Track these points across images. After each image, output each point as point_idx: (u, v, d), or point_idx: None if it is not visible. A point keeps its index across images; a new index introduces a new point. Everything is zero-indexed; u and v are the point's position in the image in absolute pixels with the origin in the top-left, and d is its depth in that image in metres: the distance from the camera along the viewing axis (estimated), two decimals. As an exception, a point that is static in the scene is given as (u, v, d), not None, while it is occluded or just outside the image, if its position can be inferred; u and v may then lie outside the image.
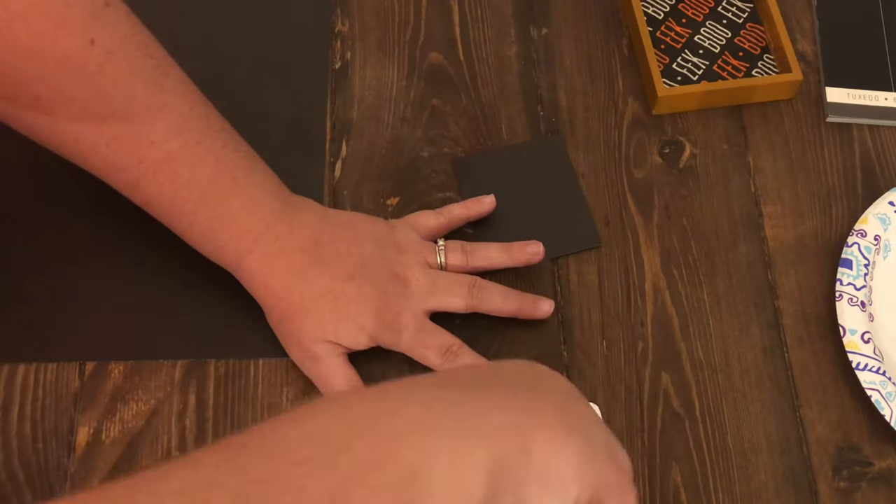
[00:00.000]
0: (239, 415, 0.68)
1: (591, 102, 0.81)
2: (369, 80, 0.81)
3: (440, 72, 0.82)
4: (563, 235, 0.76)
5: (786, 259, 0.76)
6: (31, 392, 0.68)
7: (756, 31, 0.84)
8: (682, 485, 0.68)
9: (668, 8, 0.85)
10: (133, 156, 0.64)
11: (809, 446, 0.69)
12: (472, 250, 0.72)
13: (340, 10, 0.84)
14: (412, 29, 0.84)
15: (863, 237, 0.74)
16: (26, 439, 0.66)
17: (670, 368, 0.71)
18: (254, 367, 0.70)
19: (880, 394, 0.69)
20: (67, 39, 0.60)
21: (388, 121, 0.79)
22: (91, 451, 0.66)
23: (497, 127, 0.80)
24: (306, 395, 0.69)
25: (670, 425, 0.69)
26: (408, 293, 0.68)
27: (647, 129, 0.80)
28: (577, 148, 0.79)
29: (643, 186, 0.78)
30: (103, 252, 0.73)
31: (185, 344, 0.70)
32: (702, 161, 0.79)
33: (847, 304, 0.72)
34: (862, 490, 0.68)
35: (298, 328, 0.67)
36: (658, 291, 0.74)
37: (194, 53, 0.69)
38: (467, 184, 0.77)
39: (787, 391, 0.71)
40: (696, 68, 0.82)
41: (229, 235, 0.66)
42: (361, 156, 0.78)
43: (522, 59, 0.83)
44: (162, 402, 0.68)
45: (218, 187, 0.65)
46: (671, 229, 0.76)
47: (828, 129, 0.81)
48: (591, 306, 0.73)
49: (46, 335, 0.70)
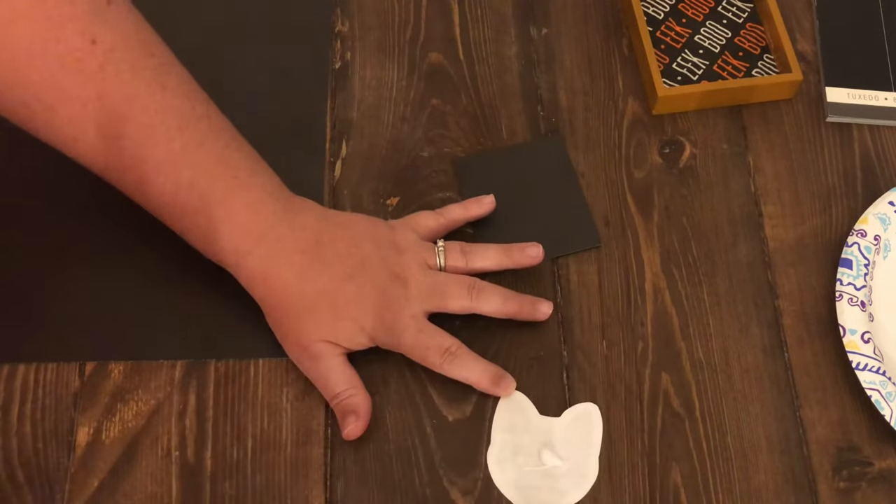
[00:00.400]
0: (239, 415, 0.68)
1: (591, 102, 0.81)
2: (369, 80, 0.81)
3: (440, 72, 0.82)
4: (563, 235, 0.75)
5: (786, 259, 0.76)
6: (31, 392, 0.68)
7: (756, 31, 0.84)
8: (682, 485, 0.68)
9: (668, 8, 0.85)
10: (134, 156, 0.64)
11: (809, 446, 0.69)
12: (472, 251, 0.72)
13: (340, 10, 0.84)
14: (412, 29, 0.84)
15: (863, 237, 0.74)
16: (26, 439, 0.67)
17: (670, 368, 0.71)
18: (254, 367, 0.70)
19: (880, 394, 0.69)
20: (69, 39, 0.60)
21: (388, 121, 0.80)
22: (91, 451, 0.67)
23: (497, 127, 0.80)
24: (306, 395, 0.69)
25: (670, 425, 0.69)
26: (407, 294, 0.68)
27: (647, 129, 0.80)
28: (577, 148, 0.79)
29: (643, 186, 0.78)
30: (103, 252, 0.73)
31: (185, 344, 0.70)
32: (702, 161, 0.79)
33: (847, 304, 0.72)
34: (862, 490, 0.68)
35: (297, 328, 0.67)
36: (658, 291, 0.74)
37: (194, 54, 0.69)
38: (467, 184, 0.77)
39: (787, 391, 0.71)
40: (696, 68, 0.82)
41: (229, 236, 0.66)
42: (361, 156, 0.78)
43: (522, 59, 0.83)
44: (162, 402, 0.68)
45: (219, 188, 0.65)
46: (671, 229, 0.76)
47: (828, 129, 0.81)
48: (591, 306, 0.73)
49: (46, 335, 0.70)
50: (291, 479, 0.66)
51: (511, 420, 0.68)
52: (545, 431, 0.69)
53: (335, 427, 0.68)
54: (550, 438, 0.68)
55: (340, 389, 0.67)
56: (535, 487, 0.67)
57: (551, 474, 0.67)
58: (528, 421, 0.69)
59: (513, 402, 0.69)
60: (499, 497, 0.67)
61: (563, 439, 0.68)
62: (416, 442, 0.68)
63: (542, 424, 0.69)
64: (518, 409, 0.69)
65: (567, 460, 0.68)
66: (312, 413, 0.68)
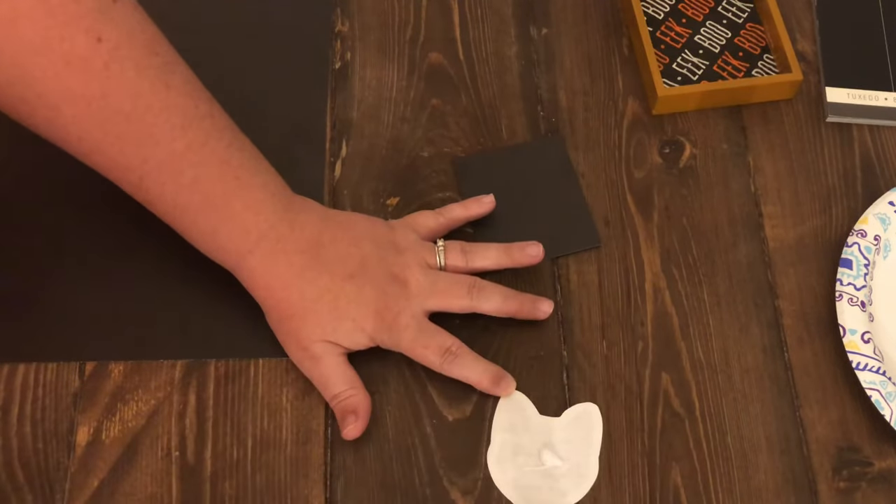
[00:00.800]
0: (239, 415, 0.68)
1: (591, 102, 0.81)
2: (369, 80, 0.81)
3: (440, 72, 0.82)
4: (563, 235, 0.75)
5: (786, 259, 0.76)
6: (31, 392, 0.68)
7: (756, 31, 0.84)
8: (682, 485, 0.68)
9: (668, 8, 0.85)
10: (137, 155, 0.64)
11: (809, 446, 0.69)
12: (472, 251, 0.72)
13: (340, 10, 0.84)
14: (412, 29, 0.84)
15: (863, 237, 0.74)
16: (26, 439, 0.67)
17: (670, 368, 0.71)
18: (254, 367, 0.70)
19: (880, 394, 0.69)
20: (74, 36, 0.60)
21: (388, 121, 0.80)
22: (91, 451, 0.67)
23: (497, 127, 0.80)
24: (306, 395, 0.69)
25: (670, 425, 0.69)
26: (407, 293, 0.68)
27: (647, 129, 0.80)
28: (577, 148, 0.79)
29: (643, 186, 0.78)
30: (103, 252, 0.73)
31: (185, 344, 0.70)
32: (702, 161, 0.79)
33: (847, 304, 0.72)
34: (862, 490, 0.68)
35: (298, 328, 0.67)
36: (658, 291, 0.74)
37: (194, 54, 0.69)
38: (467, 184, 0.77)
39: (787, 391, 0.71)
40: (696, 68, 0.82)
41: (230, 236, 0.66)
42: (361, 156, 0.78)
43: (522, 59, 0.83)
44: (162, 402, 0.68)
45: (221, 188, 0.65)
46: (671, 229, 0.76)
47: (828, 129, 0.81)
48: (591, 306, 0.73)
49: (46, 335, 0.70)
50: (291, 479, 0.66)
51: (511, 420, 0.68)
52: (545, 431, 0.69)
53: (335, 427, 0.68)
54: (550, 438, 0.68)
55: (340, 389, 0.67)
56: (535, 487, 0.67)
57: (551, 474, 0.67)
58: (528, 421, 0.69)
59: (513, 402, 0.69)
60: (499, 497, 0.67)
61: (563, 439, 0.68)
62: (416, 442, 0.68)
63: (542, 424, 0.69)
64: (518, 409, 0.69)
65: (567, 460, 0.68)
66: (312, 413, 0.68)
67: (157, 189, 0.65)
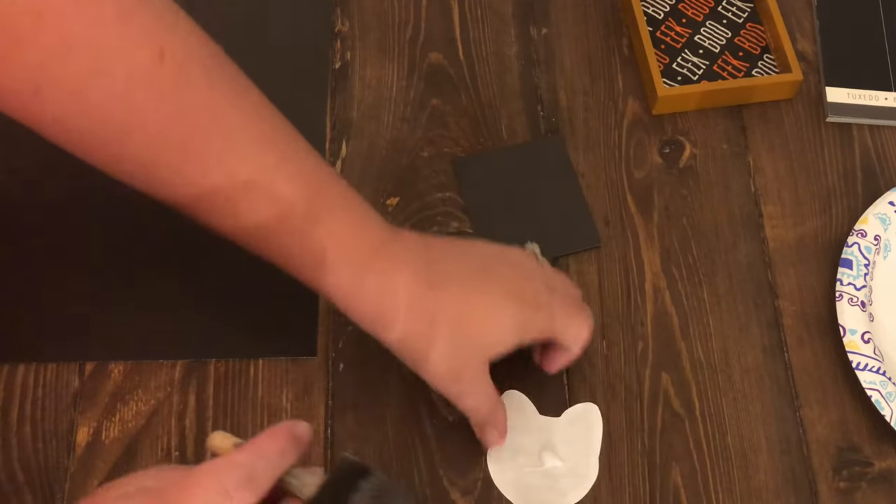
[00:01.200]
0: (239, 415, 0.68)
1: (591, 102, 0.81)
2: (369, 80, 0.81)
3: (440, 72, 0.82)
4: (563, 235, 0.76)
5: (786, 259, 0.76)
6: (31, 392, 0.68)
7: (756, 31, 0.84)
8: (682, 485, 0.68)
9: (668, 8, 0.85)
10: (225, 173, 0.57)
11: (809, 446, 0.69)
12: None
13: (340, 10, 0.84)
14: (412, 29, 0.84)
15: (863, 237, 0.74)
16: (26, 439, 0.67)
17: (670, 368, 0.71)
18: (254, 367, 0.70)
19: (880, 394, 0.69)
20: (134, 53, 0.54)
21: (388, 121, 0.80)
22: (91, 451, 0.67)
23: (497, 127, 0.80)
24: (306, 395, 0.69)
25: (670, 425, 0.69)
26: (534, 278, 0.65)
27: (647, 128, 0.80)
28: (577, 148, 0.79)
29: (643, 186, 0.78)
30: (103, 252, 0.73)
31: (185, 344, 0.70)
32: (702, 161, 0.79)
33: (847, 304, 0.72)
34: (862, 490, 0.68)
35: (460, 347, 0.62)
36: (658, 291, 0.74)
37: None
38: (467, 184, 0.77)
39: (787, 391, 0.71)
40: (696, 68, 0.82)
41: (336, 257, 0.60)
42: (361, 156, 0.78)
43: (522, 59, 0.83)
44: (162, 402, 0.68)
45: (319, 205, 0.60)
46: (671, 229, 0.76)
47: (828, 129, 0.81)
48: (591, 306, 0.73)
49: (46, 335, 0.70)
50: (291, 479, 0.66)
51: (511, 420, 0.68)
52: (545, 431, 0.69)
53: (335, 427, 0.68)
54: (550, 438, 0.68)
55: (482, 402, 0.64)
56: (534, 487, 0.67)
57: (551, 474, 0.67)
58: (527, 421, 0.69)
59: (513, 402, 0.69)
60: (499, 497, 0.67)
61: (563, 439, 0.68)
62: (416, 442, 0.68)
63: (542, 424, 0.69)
64: (518, 409, 0.69)
65: (567, 460, 0.68)
66: (312, 413, 0.68)
67: (246, 209, 0.58)
